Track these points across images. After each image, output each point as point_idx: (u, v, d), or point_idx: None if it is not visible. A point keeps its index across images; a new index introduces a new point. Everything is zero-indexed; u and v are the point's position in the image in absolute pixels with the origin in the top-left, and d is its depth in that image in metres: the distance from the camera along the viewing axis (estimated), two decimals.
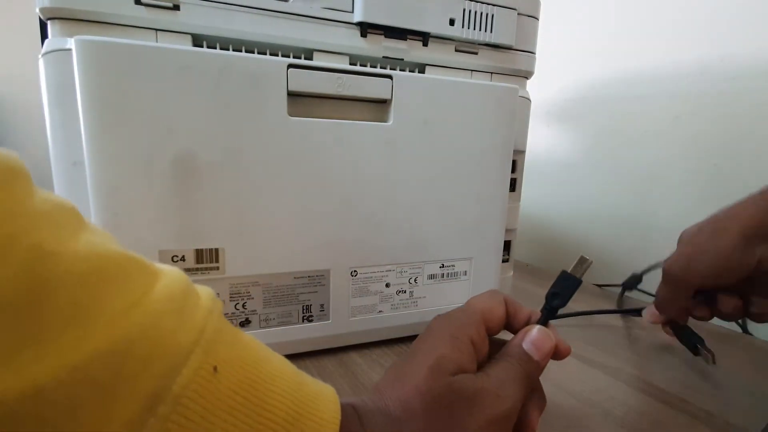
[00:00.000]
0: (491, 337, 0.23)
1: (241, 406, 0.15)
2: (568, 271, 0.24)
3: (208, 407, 0.14)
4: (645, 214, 0.58)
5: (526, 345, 0.21)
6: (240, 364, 0.16)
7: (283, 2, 0.31)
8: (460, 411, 0.18)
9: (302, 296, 0.32)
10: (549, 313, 0.23)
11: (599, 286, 0.56)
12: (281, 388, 0.16)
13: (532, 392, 0.22)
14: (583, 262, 0.23)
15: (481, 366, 0.21)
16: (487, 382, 0.19)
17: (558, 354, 0.22)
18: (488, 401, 0.19)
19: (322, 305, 0.33)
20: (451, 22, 0.36)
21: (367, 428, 0.18)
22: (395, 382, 0.20)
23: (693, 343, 0.34)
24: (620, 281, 0.61)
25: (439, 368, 0.19)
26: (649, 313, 0.34)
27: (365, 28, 0.34)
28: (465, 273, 0.37)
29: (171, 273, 0.16)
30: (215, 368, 0.14)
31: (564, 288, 0.23)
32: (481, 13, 0.37)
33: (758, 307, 0.28)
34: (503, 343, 0.23)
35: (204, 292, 0.17)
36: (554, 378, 0.32)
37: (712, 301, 0.30)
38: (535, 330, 0.22)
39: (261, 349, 0.18)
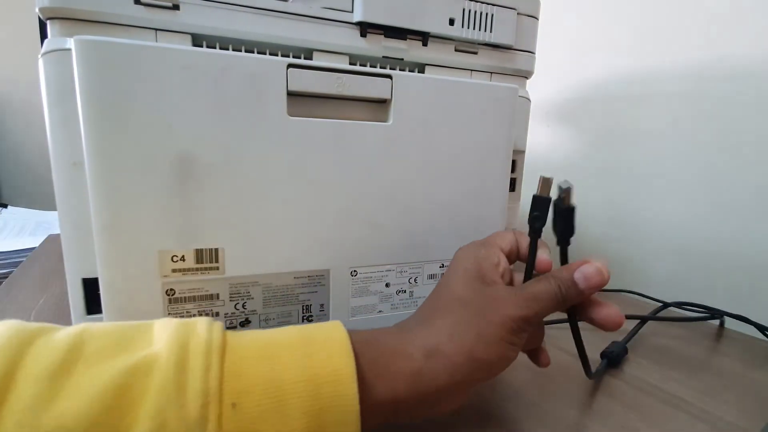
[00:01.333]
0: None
1: (267, 405, 0.18)
2: (537, 193, 0.24)
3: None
4: (644, 213, 0.58)
5: (577, 273, 0.23)
6: (252, 378, 0.18)
7: (283, 2, 0.31)
8: (492, 308, 0.22)
9: (302, 296, 0.32)
10: (534, 234, 0.25)
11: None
12: (291, 360, 0.20)
13: (591, 301, 0.25)
14: (546, 182, 0.24)
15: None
16: (517, 292, 0.23)
17: (607, 325, 0.24)
18: (513, 305, 0.22)
19: (322, 305, 0.33)
20: (451, 22, 0.36)
21: (406, 327, 0.24)
22: (439, 291, 0.25)
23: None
24: (620, 281, 0.61)
25: (479, 277, 0.24)
26: None
27: (365, 28, 0.34)
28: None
29: (162, 352, 0.18)
30: (233, 405, 0.17)
31: (541, 209, 0.24)
32: (481, 13, 0.37)
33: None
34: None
35: (200, 330, 0.19)
36: (554, 378, 0.32)
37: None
38: (589, 265, 0.23)
39: (264, 338, 0.21)
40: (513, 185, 0.40)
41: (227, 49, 0.31)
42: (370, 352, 0.21)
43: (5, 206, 1.12)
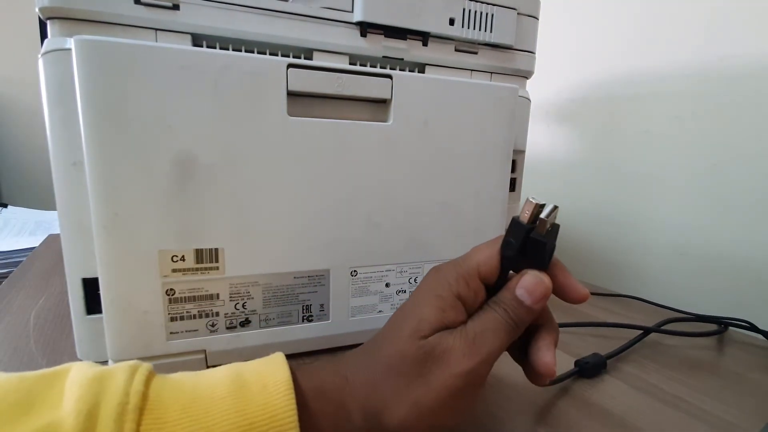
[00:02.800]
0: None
1: None
2: (518, 217, 0.22)
3: None
4: (644, 214, 0.58)
5: (518, 290, 0.21)
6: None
7: (283, 2, 0.31)
8: (431, 368, 0.20)
9: (302, 296, 0.32)
10: (507, 262, 0.22)
11: (596, 294, 0.56)
12: (222, 414, 0.17)
13: (542, 327, 0.23)
14: (529, 206, 0.21)
15: (476, 311, 0.22)
16: (459, 340, 0.20)
17: (571, 297, 0.22)
18: (454, 359, 0.20)
19: (322, 305, 0.33)
20: (451, 22, 0.36)
21: (355, 384, 0.21)
22: (386, 339, 0.22)
23: None
24: (620, 281, 0.61)
25: (418, 332, 0.21)
26: None
27: (365, 28, 0.34)
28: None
29: (68, 419, 0.15)
30: None
31: (515, 235, 0.22)
32: (481, 13, 0.37)
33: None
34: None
35: (115, 386, 0.17)
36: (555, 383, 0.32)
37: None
38: (528, 275, 0.21)
39: (191, 389, 0.18)
40: (513, 185, 0.40)
41: (227, 49, 0.31)
42: (316, 402, 0.20)
43: (5, 206, 1.12)
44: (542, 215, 0.21)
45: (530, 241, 0.21)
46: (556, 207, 0.21)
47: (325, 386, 0.21)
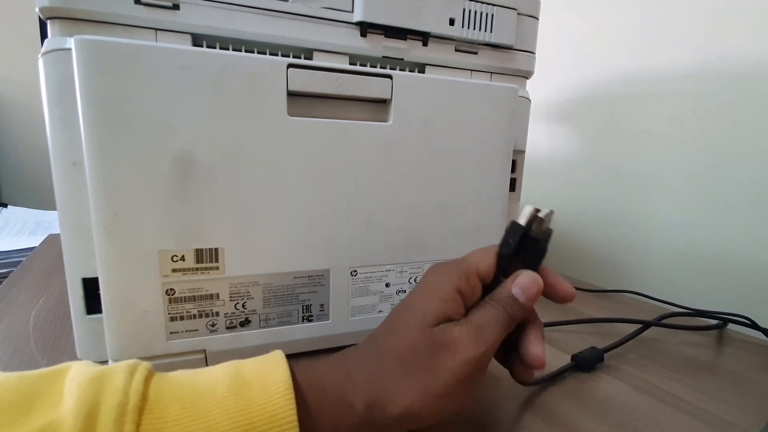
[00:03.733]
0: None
1: None
2: (516, 220, 0.24)
3: None
4: (644, 214, 0.58)
5: (515, 289, 0.23)
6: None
7: (283, 2, 0.31)
8: (439, 356, 0.21)
9: (302, 296, 0.32)
10: (503, 262, 0.24)
11: (595, 291, 0.56)
12: (223, 412, 0.17)
13: (530, 323, 0.25)
14: (527, 211, 0.23)
15: (473, 307, 0.23)
16: (465, 329, 0.22)
17: (560, 296, 0.24)
18: (462, 347, 0.21)
19: (322, 305, 0.33)
20: (451, 22, 0.36)
21: (358, 377, 0.21)
22: (389, 332, 0.23)
23: None
24: (620, 280, 0.61)
25: (424, 322, 0.22)
26: None
27: (365, 28, 0.34)
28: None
29: (67, 419, 0.15)
30: None
31: (513, 235, 0.23)
32: (481, 13, 0.37)
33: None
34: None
35: (115, 385, 0.17)
36: (554, 378, 0.32)
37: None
38: (522, 275, 0.23)
39: (191, 388, 0.18)
40: (513, 185, 0.40)
41: (227, 49, 0.31)
42: (316, 399, 0.20)
43: (5, 206, 1.12)
44: (540, 215, 0.23)
45: (527, 240, 0.23)
46: (552, 211, 0.23)
47: (325, 382, 0.21)
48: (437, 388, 0.21)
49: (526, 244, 0.23)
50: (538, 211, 0.23)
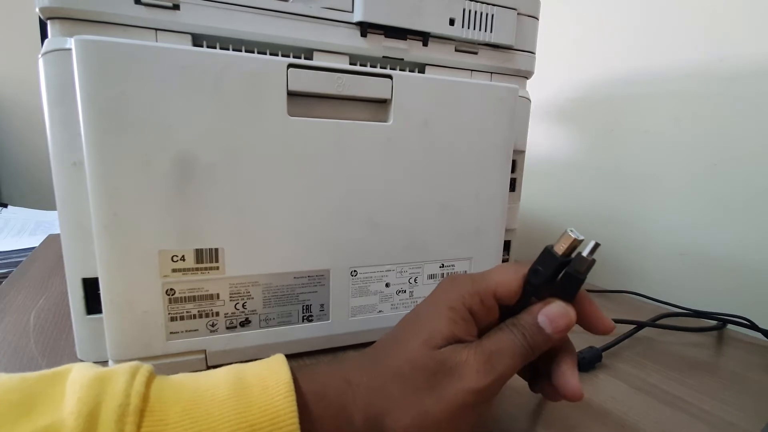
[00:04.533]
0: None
1: None
2: (552, 247, 0.21)
3: None
4: (644, 214, 0.58)
5: (540, 317, 0.21)
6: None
7: (283, 2, 0.31)
8: (441, 380, 0.20)
9: (302, 296, 0.32)
10: (531, 288, 0.22)
11: (595, 291, 0.56)
12: (223, 416, 0.17)
13: (562, 351, 0.23)
14: (567, 240, 0.20)
15: (490, 328, 0.22)
16: (474, 354, 0.20)
17: (596, 330, 0.22)
18: (467, 374, 0.20)
19: (322, 305, 0.33)
20: (451, 22, 0.36)
21: (359, 388, 0.21)
22: (393, 346, 0.22)
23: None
24: (619, 281, 0.61)
25: (429, 342, 0.21)
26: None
27: (365, 28, 0.34)
28: (465, 273, 0.37)
29: (68, 421, 0.15)
30: None
31: (545, 265, 0.21)
32: (481, 13, 0.37)
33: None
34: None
35: (116, 387, 0.17)
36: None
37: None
38: (554, 305, 0.21)
39: (192, 390, 0.18)
40: (513, 185, 0.40)
41: (227, 49, 0.31)
42: (317, 407, 0.19)
43: (5, 206, 1.12)
44: (584, 253, 0.20)
45: (564, 275, 0.21)
46: (598, 244, 0.20)
47: (326, 389, 0.20)
48: (435, 414, 0.19)
49: (565, 276, 0.21)
50: (578, 242, 0.20)
